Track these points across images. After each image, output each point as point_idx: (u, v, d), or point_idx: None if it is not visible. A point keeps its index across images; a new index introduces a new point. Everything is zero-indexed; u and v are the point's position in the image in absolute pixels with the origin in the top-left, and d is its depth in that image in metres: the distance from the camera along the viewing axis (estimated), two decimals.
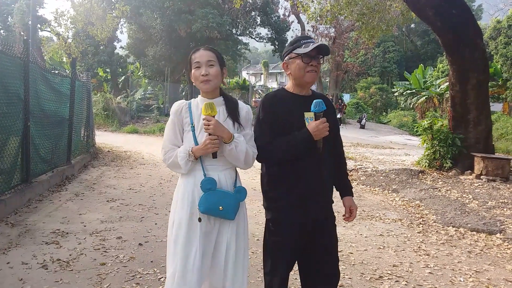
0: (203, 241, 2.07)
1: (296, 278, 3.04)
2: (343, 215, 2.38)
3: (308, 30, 26.18)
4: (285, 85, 2.38)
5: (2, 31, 27.87)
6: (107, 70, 27.42)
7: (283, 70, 2.33)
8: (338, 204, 2.43)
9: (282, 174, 2.18)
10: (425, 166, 8.68)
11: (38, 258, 3.75)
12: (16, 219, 4.88)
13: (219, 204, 2.04)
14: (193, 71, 2.13)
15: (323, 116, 2.09)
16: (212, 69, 2.11)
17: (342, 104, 24.01)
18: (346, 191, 2.37)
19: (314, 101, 2.08)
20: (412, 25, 45.39)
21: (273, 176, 2.22)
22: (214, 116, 2.04)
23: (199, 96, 2.22)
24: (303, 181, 2.14)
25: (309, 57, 2.13)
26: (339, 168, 2.36)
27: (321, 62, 2.20)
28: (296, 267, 2.35)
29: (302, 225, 2.17)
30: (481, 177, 7.42)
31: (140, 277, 3.46)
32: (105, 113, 19.04)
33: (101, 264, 3.69)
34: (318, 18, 15.37)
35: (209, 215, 2.07)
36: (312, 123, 2.07)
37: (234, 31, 26.83)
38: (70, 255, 3.88)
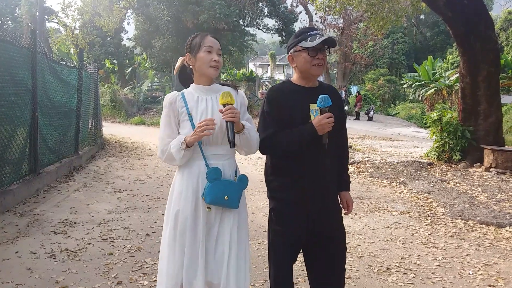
0: (206, 233, 2.07)
1: (303, 270, 3.03)
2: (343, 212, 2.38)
3: (316, 21, 25.94)
4: (291, 77, 2.34)
5: (10, 22, 27.97)
6: (114, 61, 27.44)
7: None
8: None
9: (286, 165, 2.17)
10: (434, 158, 8.60)
11: (46, 248, 3.77)
12: (24, 209, 4.92)
13: (225, 194, 2.03)
14: (202, 54, 2.09)
15: (329, 111, 2.05)
16: (220, 58, 2.14)
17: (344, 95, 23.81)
18: (344, 185, 2.35)
19: (320, 96, 2.04)
20: (422, 16, 44.84)
21: (276, 166, 2.21)
22: (232, 105, 2.01)
23: (193, 85, 2.19)
24: (306, 172, 2.12)
25: (315, 50, 2.09)
26: (340, 161, 2.32)
27: (327, 54, 2.17)
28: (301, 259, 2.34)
29: (304, 215, 2.15)
30: (491, 169, 7.33)
31: (148, 267, 3.46)
32: (112, 104, 19.10)
33: (108, 254, 3.70)
34: (327, 8, 15.20)
35: (213, 206, 2.06)
36: (317, 118, 2.04)
37: (241, 22, 26.66)
38: (78, 245, 3.90)
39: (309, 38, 2.09)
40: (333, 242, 2.23)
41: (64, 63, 8.17)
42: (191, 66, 2.18)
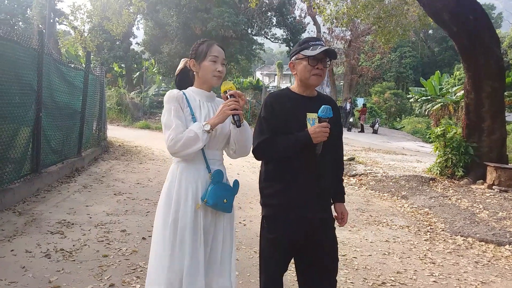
0: (204, 237, 2.07)
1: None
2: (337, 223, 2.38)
3: (324, 32, 26.08)
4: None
5: (21, 23, 28.31)
6: (122, 65, 27.66)
7: None
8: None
9: (279, 172, 2.17)
10: (437, 173, 8.55)
11: (42, 247, 3.78)
12: (23, 208, 4.94)
13: (224, 197, 2.06)
14: (208, 63, 2.11)
15: (328, 122, 2.07)
16: (224, 68, 2.17)
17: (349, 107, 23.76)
18: (339, 197, 2.36)
19: (323, 106, 2.07)
20: (430, 31, 44.94)
21: (269, 173, 2.21)
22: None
23: (193, 88, 2.19)
24: (298, 181, 2.13)
25: (315, 60, 2.12)
26: (335, 172, 2.33)
27: (328, 65, 2.18)
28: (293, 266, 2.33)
29: (296, 223, 2.14)
30: (493, 187, 7.28)
31: (141, 270, 3.45)
32: (118, 107, 19.22)
33: (103, 256, 3.70)
34: (334, 20, 15.27)
35: (212, 209, 2.06)
36: (313, 126, 2.06)
37: (249, 30, 26.84)
38: (73, 245, 3.90)
39: (311, 47, 2.12)
40: (326, 253, 2.21)
41: (71, 65, 8.25)
42: (194, 72, 2.19)
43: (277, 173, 2.18)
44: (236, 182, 2.17)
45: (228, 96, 2.06)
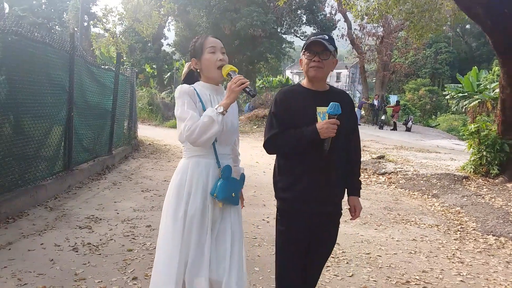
0: (211, 230, 2.09)
1: None
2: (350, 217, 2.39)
3: (355, 29, 25.65)
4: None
5: (57, 26, 29.40)
6: (154, 66, 28.24)
7: None
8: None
9: (289, 167, 2.21)
10: (470, 172, 8.25)
11: (70, 241, 3.92)
12: (55, 204, 5.13)
13: (232, 191, 2.10)
14: (208, 55, 2.13)
15: (337, 119, 2.08)
16: (225, 56, 2.17)
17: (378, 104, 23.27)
18: (353, 190, 2.35)
19: (331, 103, 2.06)
20: (467, 26, 43.37)
21: (281, 168, 2.26)
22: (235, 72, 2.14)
23: (201, 83, 2.20)
24: (308, 175, 2.15)
25: (311, 53, 2.14)
26: (350, 165, 2.32)
27: (327, 58, 2.14)
28: None
29: (305, 217, 2.19)
30: None
31: None
32: (149, 107, 19.64)
33: (128, 250, 3.80)
34: (365, 16, 14.98)
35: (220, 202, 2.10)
36: (321, 122, 2.08)
37: (278, 29, 26.78)
38: (100, 240, 4.02)
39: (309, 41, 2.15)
40: (325, 246, 2.31)
41: (103, 66, 8.51)
42: (198, 70, 2.21)
43: (288, 168, 2.22)
44: (242, 176, 2.24)
45: (232, 75, 2.08)
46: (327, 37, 2.13)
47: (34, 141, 5.03)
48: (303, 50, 2.19)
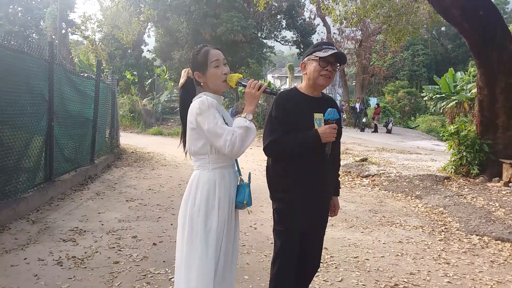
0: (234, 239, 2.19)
1: None
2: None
3: (334, 33, 25.97)
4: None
5: (34, 34, 28.86)
6: (135, 73, 27.95)
7: None
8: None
9: (287, 170, 2.31)
10: (451, 172, 8.41)
11: (54, 255, 3.82)
12: (37, 217, 5.01)
13: (250, 196, 2.20)
14: (213, 70, 2.12)
15: (335, 123, 2.23)
16: (227, 68, 2.18)
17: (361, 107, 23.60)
18: (334, 191, 2.53)
19: (329, 109, 2.21)
20: (443, 28, 44.35)
21: (279, 168, 2.35)
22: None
23: (211, 94, 2.16)
24: (306, 177, 2.27)
25: (326, 62, 2.25)
26: (334, 169, 2.52)
27: (337, 69, 2.31)
28: None
29: (304, 217, 2.31)
30: (510, 184, 7.12)
31: (152, 276, 3.47)
32: (131, 115, 19.42)
33: (114, 263, 3.73)
34: (343, 20, 15.17)
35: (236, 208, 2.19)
36: (323, 127, 2.21)
37: (259, 34, 26.88)
38: (85, 252, 3.94)
39: (323, 50, 2.25)
40: (316, 246, 2.46)
41: (82, 74, 8.37)
42: (202, 83, 2.18)
43: (285, 171, 2.31)
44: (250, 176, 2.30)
45: (243, 83, 2.12)
46: (336, 49, 2.26)
47: (14, 153, 4.90)
48: (317, 57, 2.25)
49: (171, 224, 5.00)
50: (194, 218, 2.07)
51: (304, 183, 2.26)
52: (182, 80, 2.26)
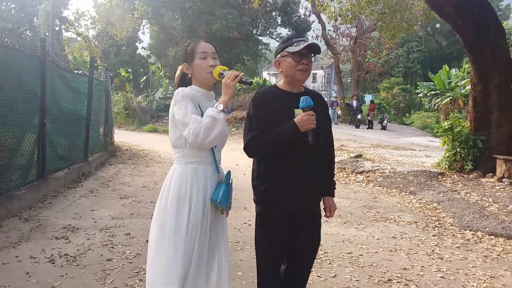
0: (209, 238, 2.08)
1: None
2: (325, 215, 2.42)
3: (329, 30, 25.93)
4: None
5: (28, 31, 28.66)
6: (129, 70, 27.83)
7: None
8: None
9: (270, 170, 2.21)
10: (445, 168, 8.44)
11: (46, 253, 3.79)
12: (29, 214, 4.97)
13: (230, 197, 2.10)
14: (199, 61, 2.10)
15: (312, 110, 2.08)
16: (216, 61, 2.13)
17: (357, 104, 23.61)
18: (328, 191, 2.39)
19: (302, 97, 2.09)
20: (437, 25, 44.45)
21: (261, 171, 2.24)
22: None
23: (195, 87, 2.14)
24: (289, 178, 2.16)
25: (300, 56, 2.14)
26: (326, 166, 2.36)
27: (312, 61, 2.19)
28: None
29: (288, 219, 2.19)
30: (503, 180, 7.15)
31: (144, 273, 3.42)
32: (126, 112, 19.33)
33: (107, 260, 3.70)
34: (338, 17, 15.16)
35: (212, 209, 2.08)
36: (299, 116, 2.08)
37: (254, 31, 26.85)
38: (78, 250, 3.91)
39: (294, 44, 2.14)
40: (309, 247, 2.31)
41: (76, 71, 8.31)
42: (189, 75, 2.18)
43: (268, 171, 2.21)
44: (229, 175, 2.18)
45: (224, 74, 2.06)
46: (307, 39, 2.15)
47: (6, 150, 4.86)
48: (290, 53, 2.15)
49: None
50: (165, 212, 2.03)
51: (289, 182, 2.15)
52: (177, 74, 2.25)
